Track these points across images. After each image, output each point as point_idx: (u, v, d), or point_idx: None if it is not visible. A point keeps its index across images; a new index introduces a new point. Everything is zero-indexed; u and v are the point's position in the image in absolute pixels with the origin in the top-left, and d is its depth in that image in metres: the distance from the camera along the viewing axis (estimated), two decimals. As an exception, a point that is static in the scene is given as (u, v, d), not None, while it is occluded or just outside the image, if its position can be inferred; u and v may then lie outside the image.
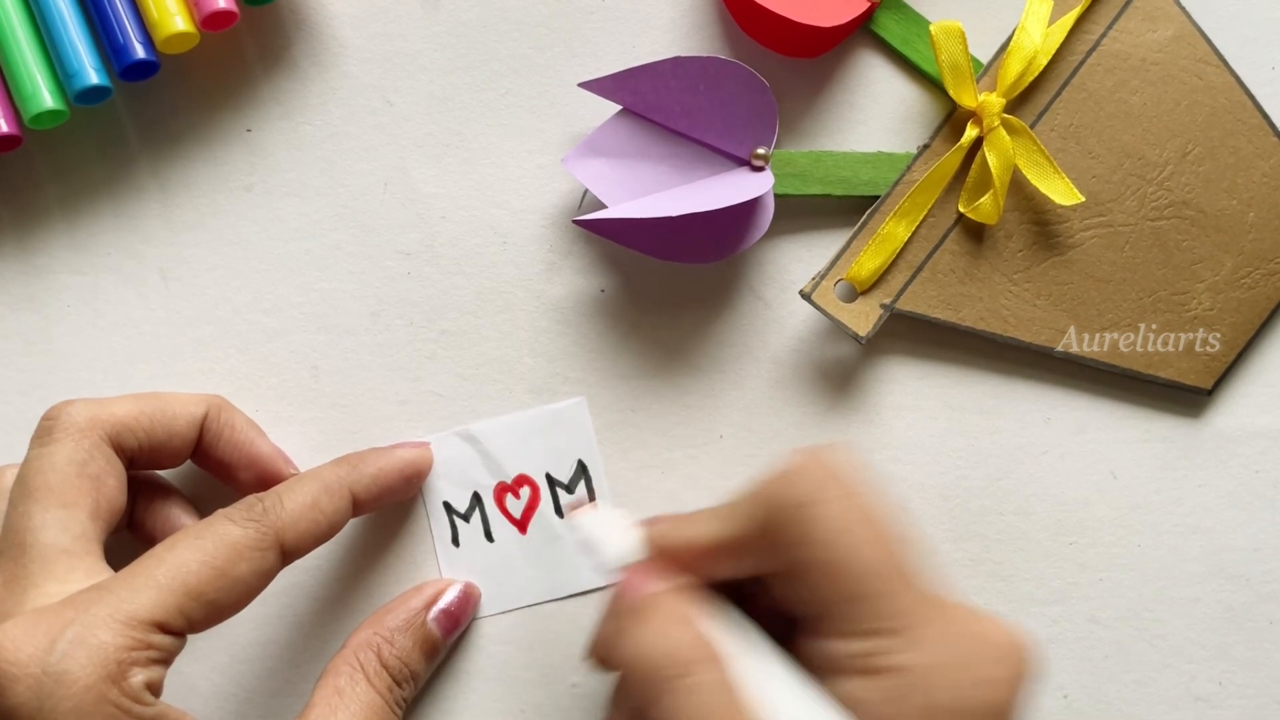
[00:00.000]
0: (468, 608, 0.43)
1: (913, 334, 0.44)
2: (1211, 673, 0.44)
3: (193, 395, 0.41)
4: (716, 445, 0.44)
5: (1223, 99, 0.43)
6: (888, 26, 0.44)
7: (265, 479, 0.42)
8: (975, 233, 0.43)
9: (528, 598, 0.44)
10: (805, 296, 0.43)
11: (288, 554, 0.37)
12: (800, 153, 0.44)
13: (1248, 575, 0.44)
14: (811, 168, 0.43)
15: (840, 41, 0.44)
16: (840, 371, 0.44)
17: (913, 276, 0.43)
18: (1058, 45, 0.43)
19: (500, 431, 0.44)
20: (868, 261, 0.43)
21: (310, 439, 0.44)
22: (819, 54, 0.44)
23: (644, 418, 0.44)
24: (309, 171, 0.45)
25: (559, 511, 0.43)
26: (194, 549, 0.35)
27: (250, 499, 0.37)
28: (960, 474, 0.44)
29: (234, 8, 0.42)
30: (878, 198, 0.43)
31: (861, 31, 0.44)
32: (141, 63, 0.42)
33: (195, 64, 0.45)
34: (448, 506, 0.44)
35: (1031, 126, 0.43)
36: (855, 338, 0.43)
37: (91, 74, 0.42)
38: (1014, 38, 0.43)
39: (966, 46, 0.42)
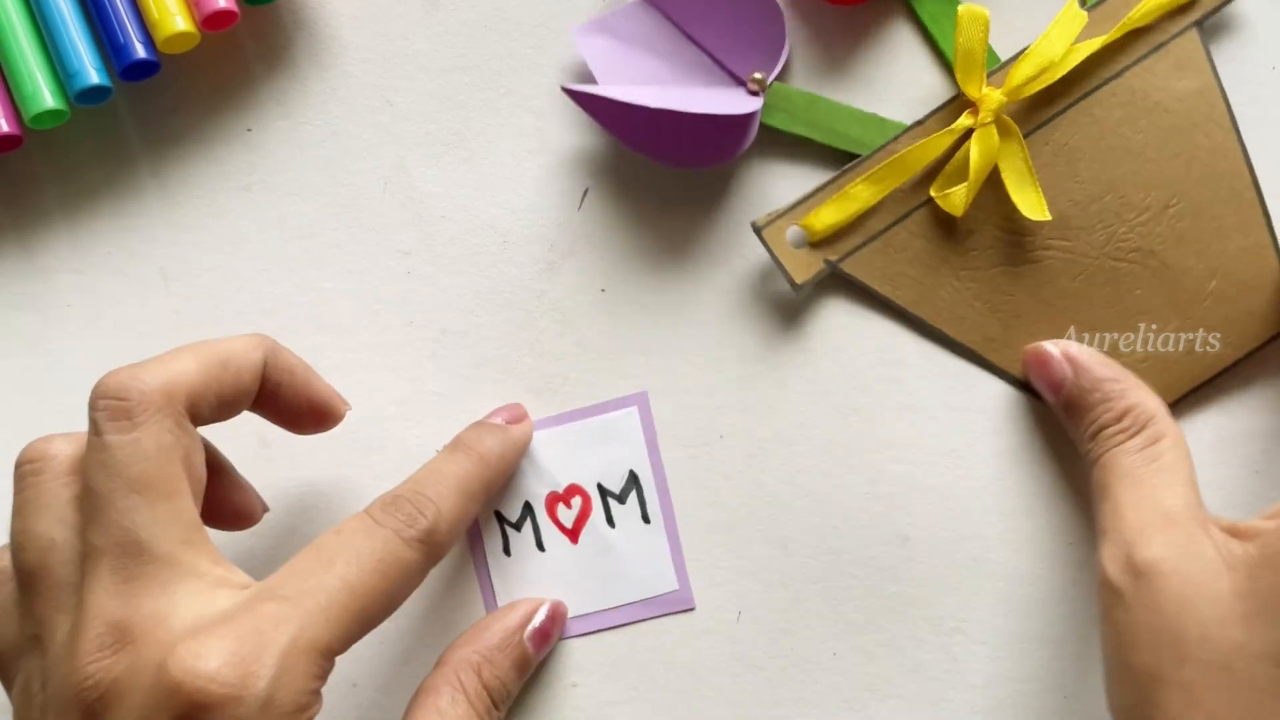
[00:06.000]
0: (558, 624, 0.43)
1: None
2: (1212, 673, 0.44)
3: (246, 340, 0.38)
4: (717, 445, 0.44)
5: (1223, 164, 0.43)
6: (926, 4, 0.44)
7: (321, 421, 0.41)
8: (940, 220, 0.43)
9: (580, 607, 0.43)
10: (756, 230, 0.43)
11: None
12: (800, 91, 0.44)
13: (1248, 575, 0.44)
14: (805, 109, 0.43)
15: None
16: (842, 373, 0.44)
17: (865, 243, 0.43)
18: (1076, 63, 0.43)
19: (551, 440, 0.43)
20: (827, 215, 0.43)
21: (310, 439, 0.44)
22: (858, 3, 0.44)
23: (644, 418, 0.44)
24: (309, 171, 0.45)
25: (610, 522, 0.43)
26: (370, 568, 0.35)
27: (410, 509, 0.37)
28: (960, 474, 0.44)
29: (234, 8, 0.42)
30: (858, 157, 0.43)
31: (903, -1, 0.44)
32: (142, 62, 0.42)
33: (195, 64, 0.45)
34: (499, 516, 0.43)
35: (1028, 135, 0.43)
36: (791, 284, 0.43)
37: (92, 73, 0.42)
38: (1036, 42, 0.43)
39: (986, 36, 0.42)
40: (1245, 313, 0.43)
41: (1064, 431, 0.44)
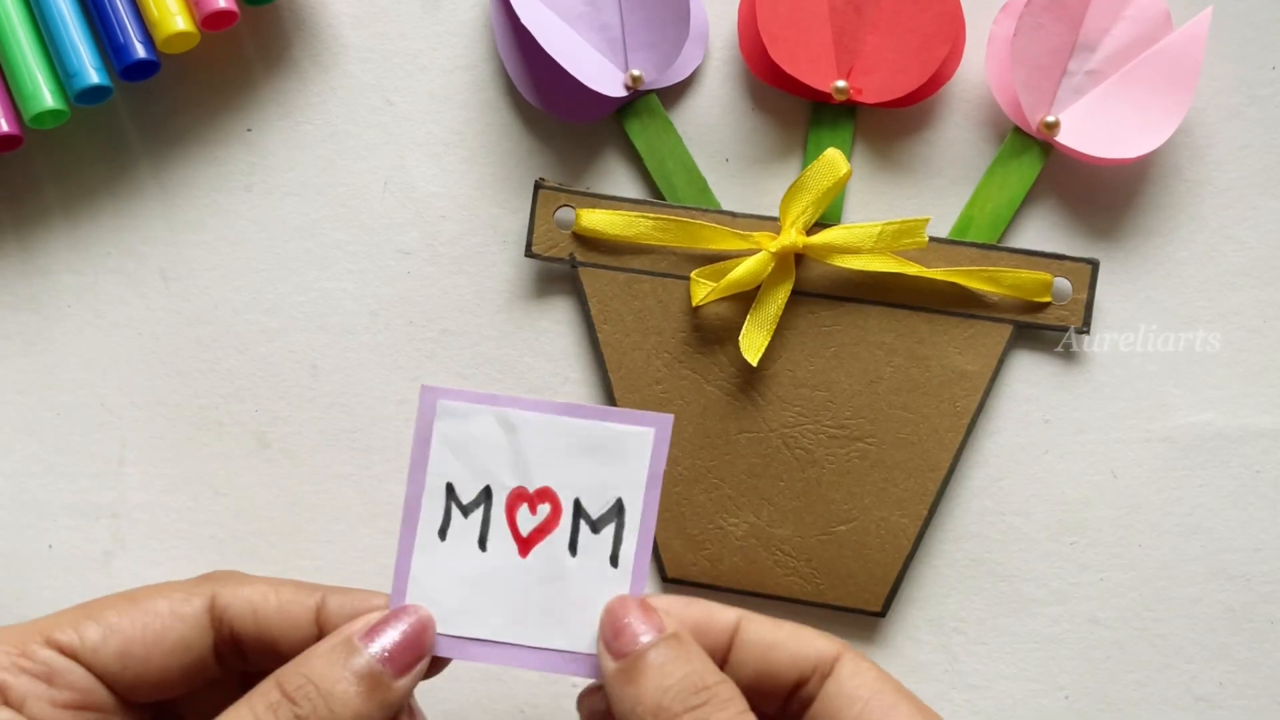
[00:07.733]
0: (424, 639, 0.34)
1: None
2: (1212, 673, 0.44)
3: (183, 588, 0.34)
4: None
5: (935, 447, 0.43)
6: (819, 135, 0.44)
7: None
8: (682, 299, 0.43)
9: (504, 634, 0.35)
10: (538, 185, 0.43)
11: None
12: (663, 115, 0.44)
13: (1248, 575, 0.44)
14: (655, 133, 0.44)
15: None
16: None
17: (614, 269, 0.43)
18: (879, 270, 0.42)
19: (544, 428, 0.35)
20: (601, 219, 0.43)
21: (310, 439, 0.44)
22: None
23: (644, 417, 0.44)
24: (309, 171, 0.45)
25: (574, 548, 0.35)
26: None
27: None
28: (960, 474, 0.44)
29: (234, 8, 0.42)
30: (664, 201, 0.44)
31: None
32: (142, 62, 0.42)
33: (195, 64, 0.45)
34: (450, 489, 0.35)
35: (802, 293, 0.43)
36: (527, 247, 0.43)
37: (92, 73, 0.42)
38: (862, 225, 0.42)
39: (831, 184, 0.41)
40: (845, 571, 0.43)
41: (1059, 430, 0.44)
